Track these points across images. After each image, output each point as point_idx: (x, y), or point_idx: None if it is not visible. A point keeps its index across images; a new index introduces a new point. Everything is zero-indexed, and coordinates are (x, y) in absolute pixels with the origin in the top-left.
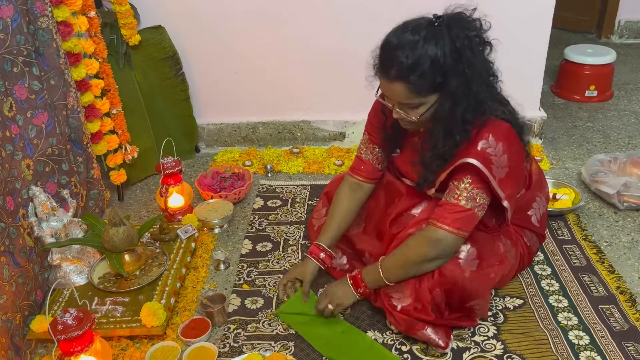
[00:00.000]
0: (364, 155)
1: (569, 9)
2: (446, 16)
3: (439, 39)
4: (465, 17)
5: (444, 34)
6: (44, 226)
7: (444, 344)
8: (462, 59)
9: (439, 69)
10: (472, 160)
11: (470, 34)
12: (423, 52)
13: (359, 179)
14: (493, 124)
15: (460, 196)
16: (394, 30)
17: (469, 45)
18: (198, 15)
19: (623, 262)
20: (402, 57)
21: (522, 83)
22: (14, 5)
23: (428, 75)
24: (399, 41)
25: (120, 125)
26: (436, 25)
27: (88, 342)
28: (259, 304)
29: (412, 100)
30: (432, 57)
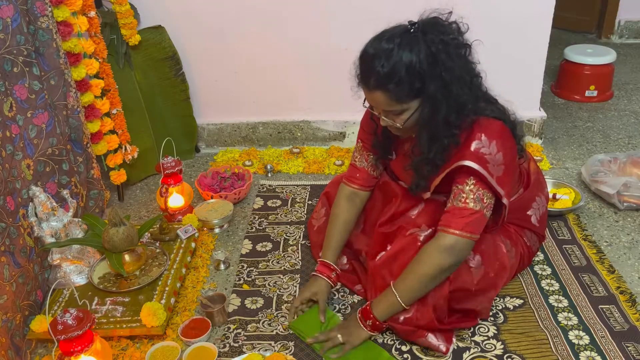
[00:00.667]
0: (359, 162)
1: (569, 9)
2: (421, 22)
3: (413, 45)
4: (440, 21)
5: (419, 39)
6: (44, 226)
7: (445, 349)
8: (438, 63)
9: (416, 75)
10: (468, 162)
11: (446, 37)
12: (398, 59)
13: (355, 187)
14: (484, 123)
15: (467, 199)
16: (371, 40)
17: (444, 49)
18: (198, 15)
19: (623, 262)
20: (378, 66)
21: (522, 83)
22: (14, 5)
23: (405, 82)
24: (375, 51)
25: (120, 125)
26: (411, 31)
27: (88, 342)
28: (259, 304)
29: (394, 107)
30: (407, 63)
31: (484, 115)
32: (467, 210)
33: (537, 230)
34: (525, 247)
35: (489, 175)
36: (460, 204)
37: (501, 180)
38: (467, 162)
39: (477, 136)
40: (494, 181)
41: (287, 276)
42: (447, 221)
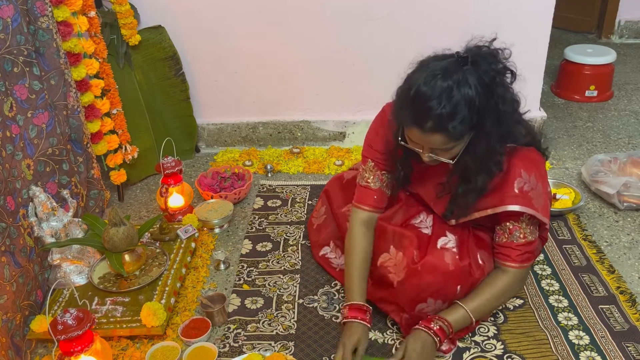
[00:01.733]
0: (373, 184)
1: (569, 9)
2: (470, 53)
3: (470, 80)
4: (488, 51)
5: (472, 73)
6: (44, 226)
7: (447, 349)
8: (493, 95)
9: (474, 110)
10: (515, 207)
11: (497, 67)
12: (459, 98)
13: (370, 209)
14: (521, 155)
15: (526, 234)
16: (421, 77)
17: (500, 81)
18: (198, 15)
19: (623, 262)
20: (438, 108)
21: (522, 83)
22: (14, 5)
23: (466, 120)
24: (432, 91)
25: (120, 125)
26: (463, 65)
27: (88, 342)
28: (259, 304)
29: (449, 145)
30: (469, 100)
31: (518, 143)
32: (525, 246)
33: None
34: None
35: (535, 211)
36: (521, 239)
37: (544, 208)
38: (514, 207)
39: (518, 172)
40: (540, 215)
41: (287, 276)
42: (511, 258)
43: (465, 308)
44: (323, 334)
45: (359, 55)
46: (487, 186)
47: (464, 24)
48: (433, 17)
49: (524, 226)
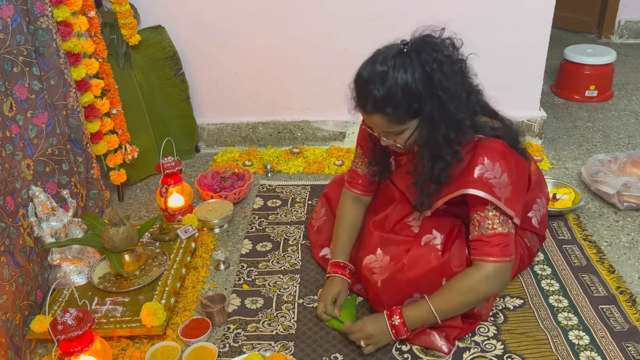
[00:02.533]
0: (360, 169)
1: (569, 9)
2: (413, 41)
3: (407, 66)
4: (433, 39)
5: (412, 60)
6: (44, 226)
7: (447, 350)
8: (434, 83)
9: (412, 96)
10: (473, 190)
11: (440, 55)
12: (393, 82)
13: (357, 192)
14: (486, 144)
15: (494, 225)
16: (365, 62)
17: (439, 68)
18: (198, 15)
19: (623, 262)
20: (374, 90)
21: (522, 83)
22: (14, 5)
23: (402, 104)
24: (369, 74)
25: (120, 125)
26: (405, 51)
27: (88, 342)
28: (259, 304)
29: (393, 128)
30: (403, 85)
31: (484, 134)
32: (498, 237)
33: (538, 232)
34: (525, 248)
35: (497, 199)
36: (489, 231)
37: (510, 200)
38: (472, 191)
39: (480, 160)
40: (502, 204)
41: (287, 276)
42: (483, 251)
43: (429, 303)
44: (323, 334)
45: (359, 55)
46: (444, 175)
47: (464, 24)
48: (433, 17)
49: (490, 216)
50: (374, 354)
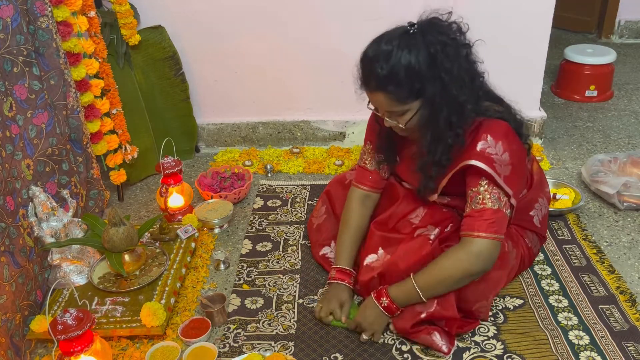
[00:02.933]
0: (369, 165)
1: (569, 9)
2: (420, 23)
3: (412, 47)
4: (439, 22)
5: (417, 40)
6: (44, 226)
7: (447, 350)
8: (437, 65)
9: (415, 76)
10: (474, 162)
11: (445, 38)
12: (396, 61)
13: (367, 189)
14: (489, 124)
15: (484, 199)
16: (371, 42)
17: (443, 50)
18: (198, 15)
19: (623, 262)
20: (377, 68)
21: (522, 83)
22: (13, 5)
23: (405, 84)
24: (374, 53)
25: (120, 125)
26: (410, 32)
27: (88, 342)
28: (259, 304)
29: (396, 108)
30: (406, 65)
31: (487, 116)
32: (487, 211)
33: (539, 231)
34: (526, 248)
35: (497, 175)
36: (479, 205)
37: (509, 179)
38: (473, 162)
39: (483, 137)
40: (501, 180)
41: (287, 276)
42: (470, 225)
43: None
44: (323, 334)
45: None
46: (446, 157)
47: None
48: None
49: (482, 190)
50: (374, 354)
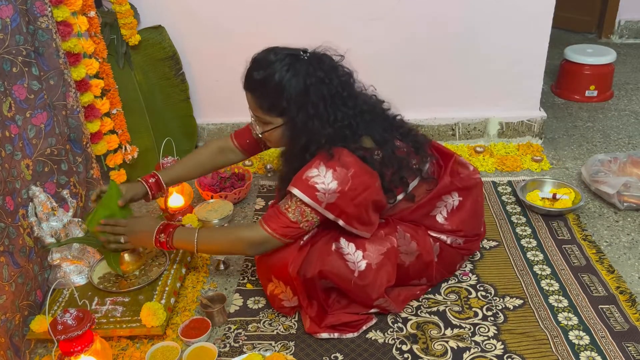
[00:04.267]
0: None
1: (569, 9)
2: (312, 54)
3: (293, 69)
4: (327, 60)
5: (301, 67)
6: (44, 226)
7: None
8: (308, 95)
9: (281, 95)
10: (294, 190)
11: (324, 76)
12: (271, 73)
13: (236, 146)
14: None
15: (289, 209)
16: (268, 48)
17: (317, 86)
18: (198, 15)
19: (623, 262)
20: (254, 72)
21: (522, 83)
22: (13, 5)
23: (270, 97)
24: (260, 58)
25: (120, 125)
26: (299, 57)
27: (88, 342)
28: (261, 304)
29: (258, 114)
30: (277, 81)
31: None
32: (286, 219)
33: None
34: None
35: (315, 203)
36: (284, 208)
37: (334, 205)
38: (294, 190)
39: (315, 164)
40: (321, 208)
41: None
42: (268, 219)
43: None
44: None
45: (359, 55)
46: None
47: (464, 24)
48: (433, 17)
49: (291, 202)
50: (374, 354)
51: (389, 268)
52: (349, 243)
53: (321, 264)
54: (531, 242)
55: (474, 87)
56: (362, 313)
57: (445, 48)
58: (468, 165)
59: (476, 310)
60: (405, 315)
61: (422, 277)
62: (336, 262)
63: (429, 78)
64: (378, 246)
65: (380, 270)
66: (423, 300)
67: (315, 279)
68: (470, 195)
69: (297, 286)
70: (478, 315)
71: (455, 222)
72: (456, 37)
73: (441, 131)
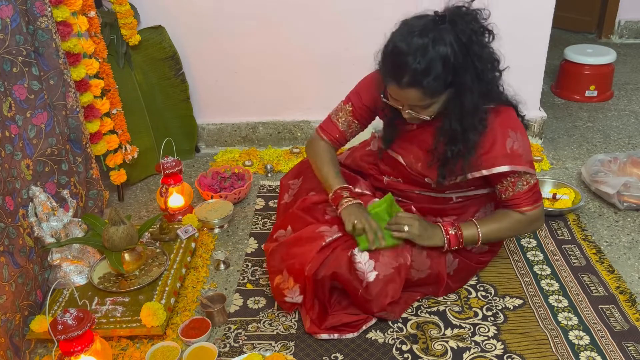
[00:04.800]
0: (341, 125)
1: (569, 9)
2: (448, 13)
3: (446, 38)
4: (466, 10)
5: (449, 32)
6: (44, 226)
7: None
8: (470, 53)
9: (450, 68)
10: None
11: (475, 26)
12: (434, 54)
13: (328, 142)
14: (505, 115)
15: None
16: (400, 34)
17: (475, 39)
18: (198, 15)
19: (623, 262)
20: (413, 63)
21: (522, 83)
22: (13, 5)
23: (441, 77)
24: (408, 47)
25: (120, 125)
26: (440, 24)
27: (88, 342)
28: (260, 304)
29: (426, 102)
30: (443, 57)
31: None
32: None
33: None
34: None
35: (526, 168)
36: (525, 187)
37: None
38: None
39: (506, 133)
40: (530, 170)
41: None
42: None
43: (478, 229)
44: None
45: (359, 55)
46: (476, 146)
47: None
48: None
49: (522, 176)
50: (374, 354)
51: (397, 285)
52: (362, 252)
53: (336, 266)
54: (531, 242)
55: None
56: (362, 313)
57: None
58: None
59: (476, 310)
60: (405, 315)
61: (428, 290)
62: (348, 269)
63: None
64: (391, 259)
65: (388, 285)
66: (423, 301)
67: (326, 279)
68: None
69: (308, 286)
70: (478, 315)
71: None
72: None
73: None
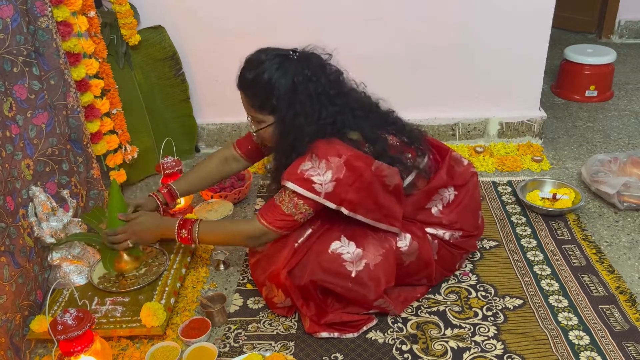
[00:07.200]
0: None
1: (569, 9)
2: (301, 53)
3: (282, 68)
4: (315, 59)
5: (290, 66)
6: (44, 226)
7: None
8: (296, 94)
9: (271, 93)
10: (288, 183)
11: (312, 75)
12: (260, 72)
13: (240, 155)
14: (322, 144)
15: (283, 202)
16: (260, 49)
17: (304, 84)
18: (198, 15)
19: (623, 262)
20: (246, 71)
21: (522, 83)
22: (13, 5)
23: (260, 95)
24: (252, 58)
25: (120, 125)
26: (289, 57)
27: (88, 342)
28: (261, 304)
29: (252, 113)
30: (267, 80)
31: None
32: (280, 212)
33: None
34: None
35: (315, 195)
36: (277, 201)
37: (332, 195)
38: (289, 185)
39: (308, 157)
40: (320, 199)
41: None
42: (264, 212)
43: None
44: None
45: (359, 55)
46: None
47: (464, 24)
48: (433, 17)
49: (286, 195)
50: (374, 354)
51: (388, 269)
52: (349, 242)
53: (312, 273)
54: (531, 242)
55: (474, 87)
56: (362, 313)
57: (445, 48)
58: (462, 160)
59: (476, 310)
60: (405, 315)
61: (422, 276)
62: (332, 265)
63: (428, 78)
64: (377, 246)
65: (379, 271)
66: (423, 301)
67: (309, 285)
68: (465, 189)
69: (289, 289)
70: (478, 315)
71: (451, 215)
72: (456, 37)
73: (441, 131)
